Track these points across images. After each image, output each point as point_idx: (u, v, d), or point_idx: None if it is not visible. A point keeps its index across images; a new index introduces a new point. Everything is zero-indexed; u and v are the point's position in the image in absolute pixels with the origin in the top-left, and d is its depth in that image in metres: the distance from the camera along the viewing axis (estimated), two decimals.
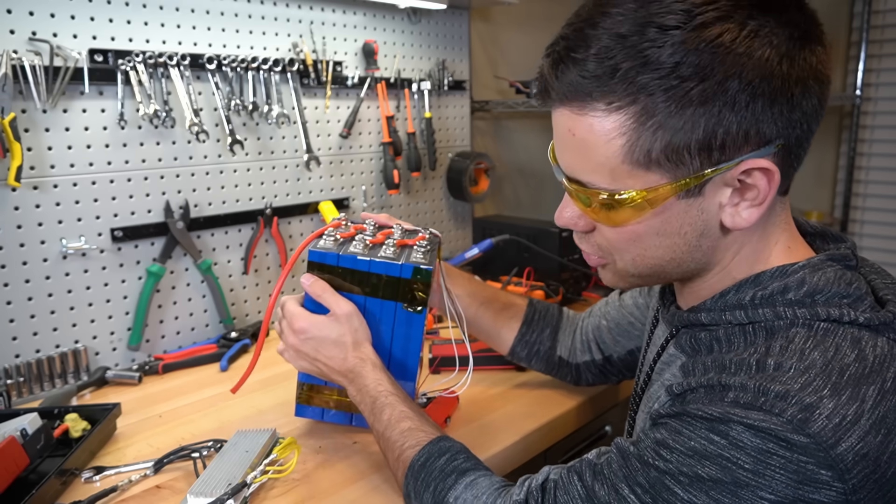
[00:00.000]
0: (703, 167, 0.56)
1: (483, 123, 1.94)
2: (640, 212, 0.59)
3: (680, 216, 0.60)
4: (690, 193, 0.58)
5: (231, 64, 1.30)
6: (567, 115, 0.59)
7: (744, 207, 0.59)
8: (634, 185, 0.58)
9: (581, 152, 0.59)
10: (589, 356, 1.03)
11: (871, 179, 2.56)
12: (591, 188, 0.60)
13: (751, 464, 0.52)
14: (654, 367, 0.74)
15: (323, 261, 0.89)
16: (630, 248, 0.64)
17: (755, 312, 0.61)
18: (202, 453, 0.91)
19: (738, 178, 0.58)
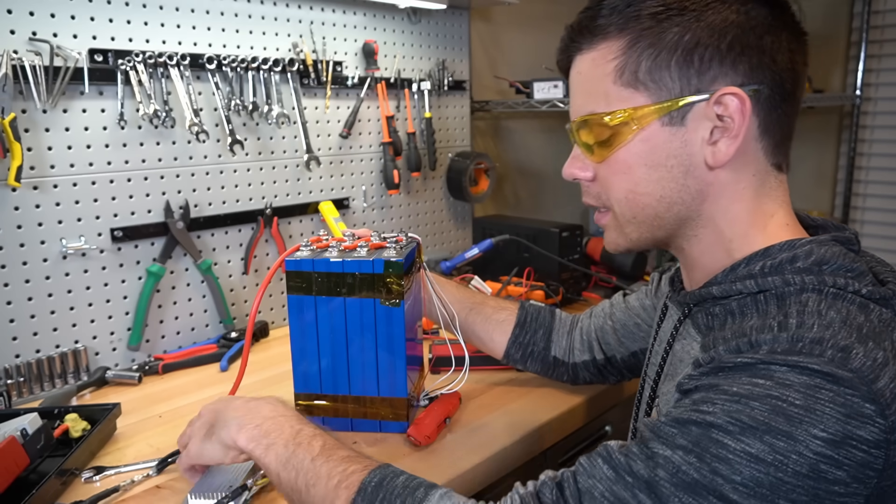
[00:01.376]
0: (683, 92, 0.63)
1: (483, 123, 1.94)
2: (628, 134, 0.65)
3: (665, 145, 0.65)
4: (673, 120, 0.64)
5: (231, 64, 1.30)
6: (577, 60, 0.69)
7: (722, 142, 0.64)
8: (624, 105, 0.65)
9: (584, 87, 0.69)
10: (589, 356, 1.03)
11: (871, 179, 2.55)
12: (589, 115, 0.68)
13: (801, 399, 0.52)
14: (668, 355, 0.74)
15: (299, 268, 0.93)
16: (622, 182, 0.68)
17: (764, 280, 0.63)
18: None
19: (716, 113, 0.63)
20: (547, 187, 2.19)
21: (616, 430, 1.21)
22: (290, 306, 0.95)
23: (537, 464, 1.05)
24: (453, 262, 1.56)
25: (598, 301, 1.55)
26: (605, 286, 1.67)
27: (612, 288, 1.67)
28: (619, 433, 1.21)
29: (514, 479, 0.94)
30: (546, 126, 2.15)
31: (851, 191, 2.58)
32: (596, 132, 0.68)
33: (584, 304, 1.56)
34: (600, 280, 1.68)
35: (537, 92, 1.76)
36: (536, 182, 2.15)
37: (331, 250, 0.96)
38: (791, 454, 0.51)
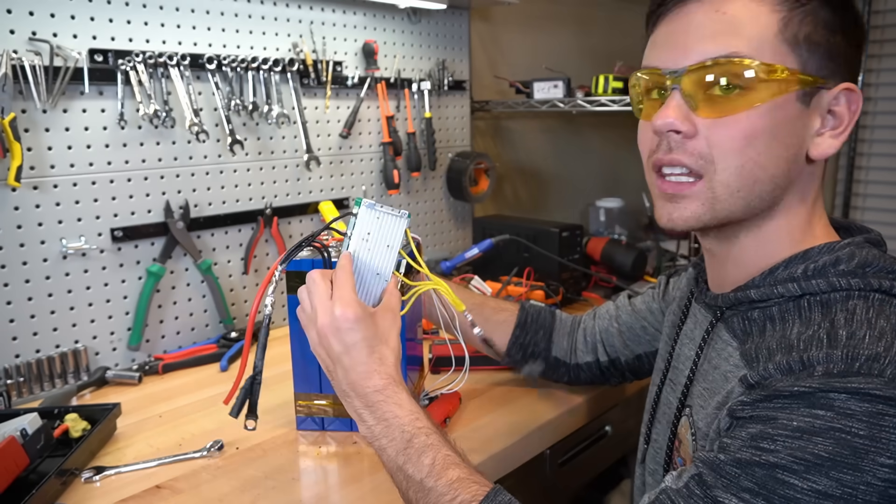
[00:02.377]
0: (820, 72, 0.61)
1: (483, 123, 1.94)
2: (768, 95, 0.60)
3: (793, 121, 0.62)
4: (805, 98, 0.62)
5: (231, 64, 1.30)
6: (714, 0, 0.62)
7: (828, 136, 0.63)
8: (778, 61, 0.60)
9: (731, 27, 0.61)
10: (592, 357, 1.03)
11: (871, 179, 2.56)
12: (731, 58, 0.60)
13: (865, 429, 0.50)
14: (699, 359, 0.71)
15: (299, 268, 0.93)
16: (746, 148, 0.61)
17: (808, 283, 0.61)
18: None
19: (829, 108, 0.63)
20: (547, 187, 2.19)
21: (616, 429, 1.21)
22: (291, 306, 0.95)
23: (537, 464, 1.05)
24: (453, 262, 1.56)
25: (599, 301, 1.56)
26: (605, 286, 1.67)
27: (612, 288, 1.67)
28: (619, 433, 1.21)
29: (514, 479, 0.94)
30: (546, 126, 2.15)
31: (851, 191, 2.58)
32: (728, 78, 0.60)
33: (584, 303, 1.56)
34: (600, 280, 1.67)
35: (537, 92, 1.76)
36: (536, 182, 2.15)
37: (331, 250, 0.96)
38: (860, 485, 0.50)
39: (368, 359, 0.71)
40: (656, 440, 0.81)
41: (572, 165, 2.28)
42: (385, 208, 0.80)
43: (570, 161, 2.27)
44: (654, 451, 0.80)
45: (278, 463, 0.90)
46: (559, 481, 1.11)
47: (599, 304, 1.52)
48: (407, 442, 0.68)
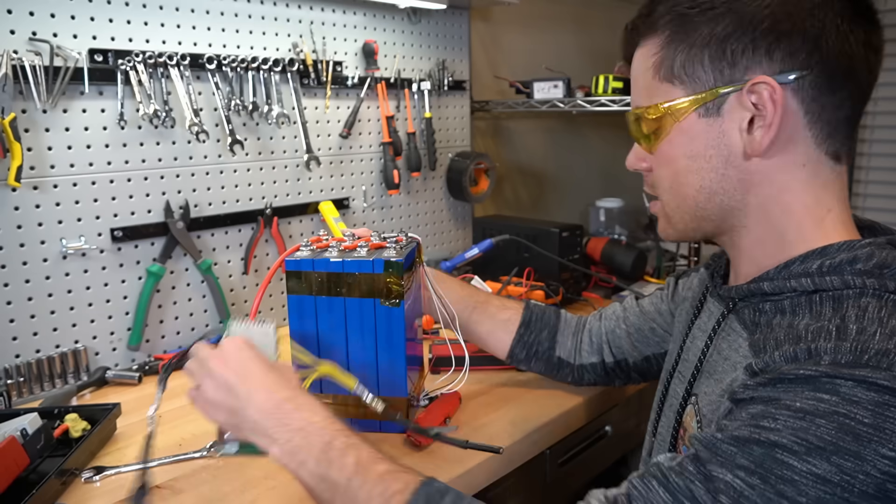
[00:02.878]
0: (717, 83, 0.64)
1: (483, 123, 1.94)
2: (669, 126, 0.67)
3: (703, 136, 0.66)
4: (709, 111, 0.65)
5: (231, 64, 1.30)
6: (634, 56, 0.72)
7: (757, 131, 0.63)
8: (662, 99, 0.67)
9: (635, 82, 0.72)
10: (597, 358, 1.03)
11: (872, 179, 2.55)
12: (637, 111, 0.70)
13: (870, 417, 0.50)
14: (707, 350, 0.72)
15: (299, 268, 0.93)
16: (666, 172, 0.70)
17: (822, 280, 0.61)
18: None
19: (751, 102, 0.63)
20: (547, 187, 2.19)
21: (616, 430, 1.21)
22: (290, 306, 0.95)
23: (537, 464, 1.05)
24: (453, 262, 1.56)
25: (599, 301, 1.56)
26: (605, 286, 1.67)
27: (612, 288, 1.67)
28: (619, 433, 1.21)
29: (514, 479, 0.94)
30: (546, 126, 2.15)
31: (851, 191, 2.57)
32: (644, 125, 0.70)
33: (584, 303, 1.56)
34: (600, 280, 1.67)
35: (537, 92, 1.76)
36: (536, 182, 2.15)
37: (331, 250, 0.96)
38: (858, 474, 0.49)
39: (266, 376, 0.73)
40: (661, 433, 0.80)
41: (572, 165, 2.28)
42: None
43: (570, 161, 2.27)
44: (660, 442, 0.80)
45: None
46: (559, 481, 1.11)
47: (599, 304, 1.53)
48: (326, 444, 0.67)
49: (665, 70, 0.67)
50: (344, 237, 1.00)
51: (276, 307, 1.48)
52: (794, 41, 0.61)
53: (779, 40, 0.61)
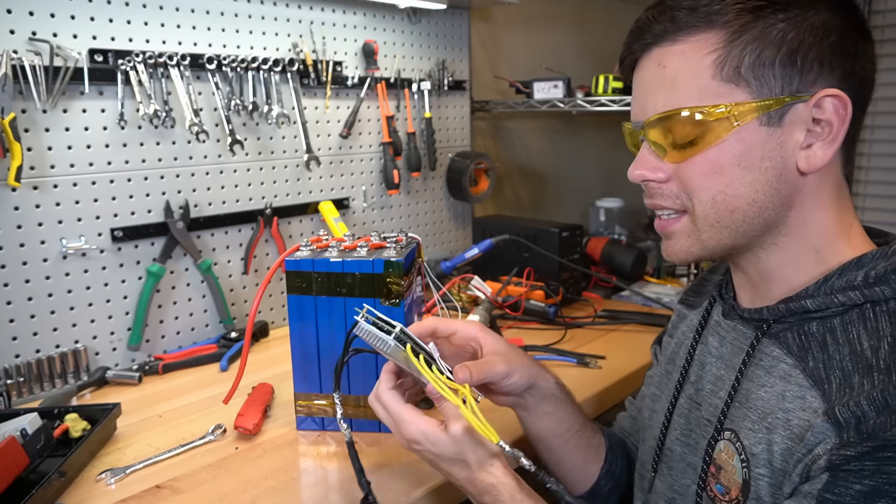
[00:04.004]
0: (784, 91, 0.60)
1: (483, 123, 1.94)
2: (724, 131, 0.61)
3: (760, 146, 0.61)
4: (772, 120, 0.61)
5: (231, 64, 1.30)
6: (658, 52, 0.64)
7: (818, 147, 0.61)
8: (723, 101, 0.61)
9: (671, 82, 0.63)
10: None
11: (871, 179, 2.55)
12: (676, 110, 0.62)
13: None
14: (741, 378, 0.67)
15: (299, 268, 0.93)
16: (710, 183, 0.63)
17: (871, 291, 0.59)
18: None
19: (812, 117, 0.60)
20: (547, 187, 2.19)
21: None
22: (290, 306, 0.95)
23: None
24: (453, 262, 1.56)
25: (599, 301, 1.56)
26: (605, 286, 1.67)
27: (611, 288, 1.67)
28: None
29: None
30: (546, 126, 2.15)
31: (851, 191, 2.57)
32: (680, 130, 0.63)
33: (584, 303, 1.56)
34: (600, 280, 1.67)
35: (537, 92, 1.76)
36: (536, 182, 2.15)
37: (331, 250, 0.96)
38: None
39: (456, 466, 0.71)
40: (673, 469, 0.76)
41: (572, 165, 2.28)
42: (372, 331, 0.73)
43: (570, 161, 2.27)
44: (672, 478, 0.76)
45: (278, 463, 0.90)
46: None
47: (599, 304, 1.53)
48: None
49: (729, 70, 0.60)
50: (344, 237, 1.01)
51: (276, 307, 1.48)
52: (849, 60, 0.61)
53: (841, 56, 0.60)
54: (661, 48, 0.64)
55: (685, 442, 0.75)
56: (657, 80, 0.64)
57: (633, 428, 0.94)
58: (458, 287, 1.51)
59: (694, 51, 0.62)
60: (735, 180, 0.62)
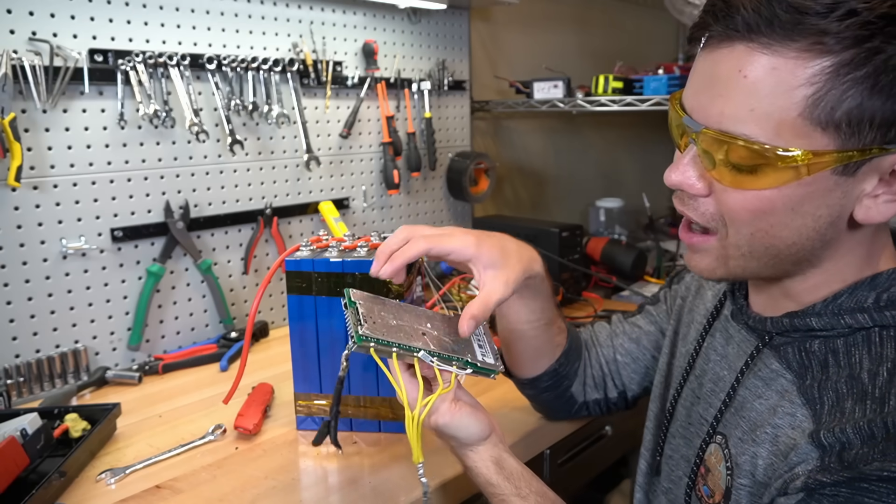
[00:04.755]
0: (874, 143, 0.51)
1: (483, 123, 1.94)
2: (789, 179, 0.53)
3: (823, 195, 0.54)
4: (847, 171, 0.53)
5: (231, 64, 1.30)
6: (743, 51, 0.52)
7: (883, 200, 0.54)
8: (801, 145, 0.51)
9: (747, 97, 0.52)
10: (601, 394, 0.94)
11: None
12: (744, 140, 0.53)
13: None
14: (738, 386, 0.66)
15: (299, 268, 0.93)
16: (754, 220, 0.56)
17: (881, 315, 0.56)
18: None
19: (893, 168, 0.53)
20: (547, 187, 2.19)
21: (616, 430, 1.21)
22: (290, 306, 0.95)
23: (537, 464, 1.05)
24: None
25: (599, 301, 1.56)
26: (605, 286, 1.67)
27: (611, 288, 1.67)
28: (619, 433, 1.21)
29: None
30: (546, 126, 2.15)
31: None
32: (740, 156, 0.54)
33: (584, 303, 1.56)
34: (600, 280, 1.67)
35: (537, 92, 1.76)
36: (536, 182, 2.15)
37: (331, 250, 0.96)
38: None
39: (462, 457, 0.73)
40: (671, 456, 0.76)
41: (572, 165, 2.28)
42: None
43: (570, 161, 2.27)
44: (670, 467, 0.76)
45: (278, 463, 0.90)
46: (559, 481, 1.11)
47: (599, 304, 1.53)
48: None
49: (823, 112, 0.50)
50: (344, 237, 1.00)
51: (276, 307, 1.48)
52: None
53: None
54: (747, 47, 0.52)
55: (683, 434, 0.75)
56: (731, 89, 0.53)
57: (607, 343, 0.95)
58: (458, 287, 1.51)
59: (788, 73, 0.50)
60: (781, 223, 0.56)
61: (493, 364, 0.73)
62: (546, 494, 0.72)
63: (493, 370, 0.73)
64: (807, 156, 0.51)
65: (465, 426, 0.70)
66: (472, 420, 0.70)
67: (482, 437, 0.71)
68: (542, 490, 0.72)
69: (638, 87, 1.63)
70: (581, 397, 0.94)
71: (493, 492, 0.71)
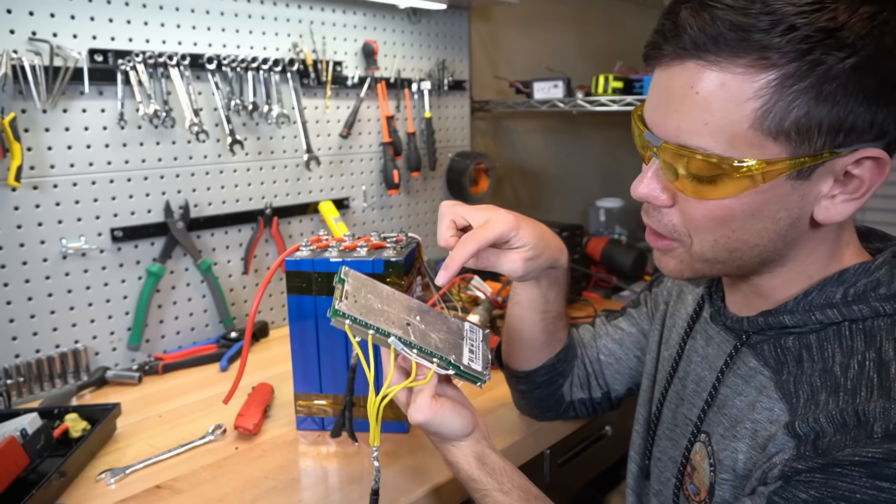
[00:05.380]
0: (824, 148, 0.53)
1: (483, 123, 1.94)
2: (746, 187, 0.55)
3: (781, 199, 0.56)
4: (801, 175, 0.55)
5: (231, 64, 1.30)
6: (693, 69, 0.54)
7: (840, 200, 0.57)
8: (754, 155, 0.54)
9: (700, 112, 0.54)
10: (586, 393, 0.95)
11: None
12: (701, 153, 0.55)
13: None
14: (719, 385, 0.67)
15: (299, 268, 0.93)
16: (716, 228, 0.59)
17: (849, 310, 0.58)
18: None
19: (846, 170, 0.55)
20: (547, 187, 2.19)
21: (616, 430, 1.21)
22: (290, 306, 0.95)
23: (537, 464, 1.05)
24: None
25: (599, 301, 1.56)
26: (605, 286, 1.67)
27: (611, 288, 1.67)
28: (618, 433, 1.21)
29: None
30: (546, 126, 2.15)
31: None
32: (699, 169, 0.56)
33: (584, 303, 1.56)
34: (600, 280, 1.67)
35: (537, 92, 1.76)
36: (536, 182, 2.15)
37: (331, 250, 0.96)
38: None
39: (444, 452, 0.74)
40: (660, 458, 0.77)
41: (572, 165, 2.28)
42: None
43: (570, 161, 2.27)
44: (659, 469, 0.77)
45: (278, 463, 0.90)
46: (559, 481, 1.11)
47: (599, 304, 1.53)
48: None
49: (772, 122, 0.52)
50: (344, 237, 1.00)
51: (276, 307, 1.48)
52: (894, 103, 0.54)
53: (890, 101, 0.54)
54: (697, 64, 0.54)
55: (670, 436, 0.76)
56: (684, 104, 0.55)
57: (591, 344, 0.96)
58: (458, 287, 1.51)
59: (737, 88, 0.52)
60: (743, 228, 0.58)
61: (479, 371, 0.72)
62: (529, 489, 0.72)
63: (479, 378, 0.71)
64: (761, 165, 0.54)
65: (448, 422, 0.70)
66: (453, 416, 0.70)
67: (464, 434, 0.71)
68: (525, 485, 0.73)
69: (638, 87, 1.63)
70: (568, 396, 0.95)
71: (476, 487, 0.71)
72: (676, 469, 0.71)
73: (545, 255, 0.78)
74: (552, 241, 0.80)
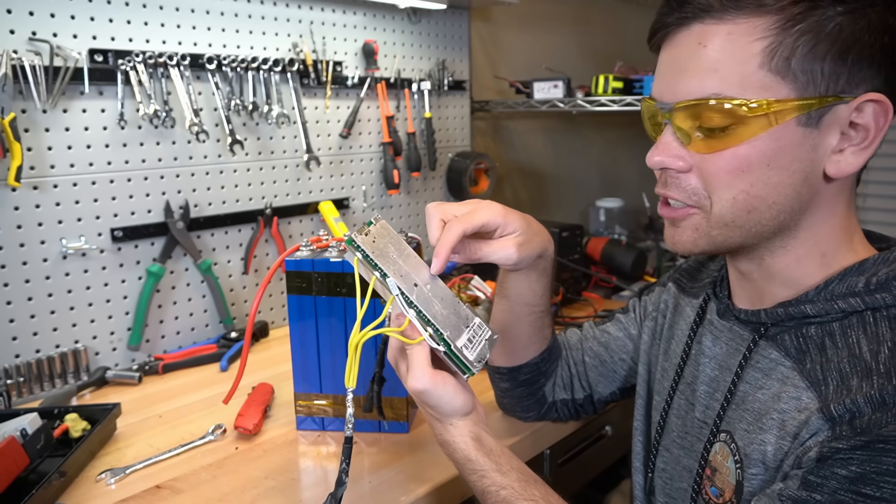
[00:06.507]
0: (829, 90, 0.57)
1: (483, 123, 1.94)
2: (760, 128, 0.57)
3: (794, 147, 0.58)
4: (810, 120, 0.58)
5: (231, 64, 1.30)
6: (699, 29, 0.59)
7: (850, 153, 0.59)
8: (765, 96, 0.57)
9: (711, 63, 0.58)
10: (568, 394, 0.95)
11: (872, 179, 2.55)
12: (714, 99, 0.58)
13: None
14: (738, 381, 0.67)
15: (299, 268, 0.93)
16: (735, 182, 0.60)
17: (872, 298, 0.59)
18: None
19: (850, 120, 0.58)
20: (547, 187, 2.19)
21: (616, 430, 1.21)
22: (290, 306, 0.95)
23: (537, 464, 1.05)
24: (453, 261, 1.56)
25: (599, 301, 1.56)
26: (605, 286, 1.67)
27: (611, 288, 1.67)
28: (618, 433, 1.21)
29: None
30: (546, 126, 2.15)
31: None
32: (713, 119, 0.59)
33: (584, 303, 1.56)
34: (600, 280, 1.67)
35: (537, 92, 1.76)
36: (536, 182, 2.15)
37: (331, 250, 0.96)
38: None
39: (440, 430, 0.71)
40: (665, 469, 0.76)
41: (572, 165, 2.28)
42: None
43: (570, 161, 2.27)
44: (664, 481, 0.76)
45: (278, 463, 0.90)
46: (559, 481, 1.11)
47: (599, 304, 1.53)
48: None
49: (779, 61, 0.56)
50: (344, 237, 1.00)
51: (276, 307, 1.48)
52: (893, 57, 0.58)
53: (892, 58, 0.57)
54: (703, 25, 0.58)
55: (681, 444, 0.75)
56: (695, 61, 0.59)
57: (577, 346, 0.96)
58: (458, 287, 1.51)
59: (743, 34, 0.57)
60: (760, 181, 0.59)
61: (470, 360, 0.68)
62: (527, 472, 0.70)
63: (467, 368, 0.68)
64: (771, 104, 0.57)
65: (448, 396, 0.67)
66: (455, 392, 0.68)
67: (464, 412, 0.69)
68: (523, 468, 0.71)
69: (638, 87, 1.63)
70: (550, 396, 0.95)
71: (473, 468, 0.69)
72: (692, 477, 0.70)
73: (535, 241, 0.77)
74: (539, 229, 0.80)
